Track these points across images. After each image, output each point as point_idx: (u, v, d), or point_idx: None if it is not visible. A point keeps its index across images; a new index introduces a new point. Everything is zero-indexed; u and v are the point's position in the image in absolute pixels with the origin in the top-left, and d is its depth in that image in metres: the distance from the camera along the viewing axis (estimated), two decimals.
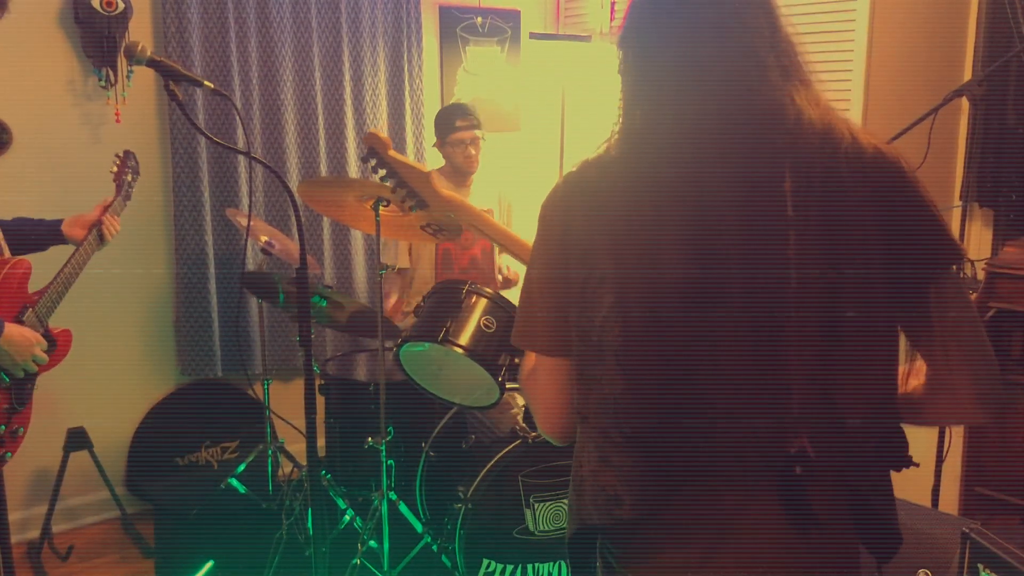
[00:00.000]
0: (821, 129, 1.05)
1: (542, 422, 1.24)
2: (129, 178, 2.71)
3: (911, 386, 1.16)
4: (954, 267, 1.11)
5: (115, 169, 2.71)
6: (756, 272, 1.03)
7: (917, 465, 1.16)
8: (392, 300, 3.50)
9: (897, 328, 1.11)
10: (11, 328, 2.25)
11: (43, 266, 2.46)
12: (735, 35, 1.07)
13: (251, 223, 2.97)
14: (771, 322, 1.03)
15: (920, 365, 1.15)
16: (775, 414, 1.05)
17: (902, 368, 1.16)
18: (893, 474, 1.17)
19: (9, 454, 2.36)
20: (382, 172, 1.97)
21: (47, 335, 2.40)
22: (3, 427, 2.32)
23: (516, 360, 2.39)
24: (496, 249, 3.60)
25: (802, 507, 1.06)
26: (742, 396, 1.05)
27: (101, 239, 2.55)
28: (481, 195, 3.52)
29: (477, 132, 3.39)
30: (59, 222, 2.55)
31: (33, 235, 2.51)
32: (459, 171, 3.44)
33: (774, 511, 1.07)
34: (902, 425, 1.15)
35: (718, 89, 1.06)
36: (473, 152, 3.40)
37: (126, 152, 2.76)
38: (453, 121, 3.39)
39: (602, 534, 1.19)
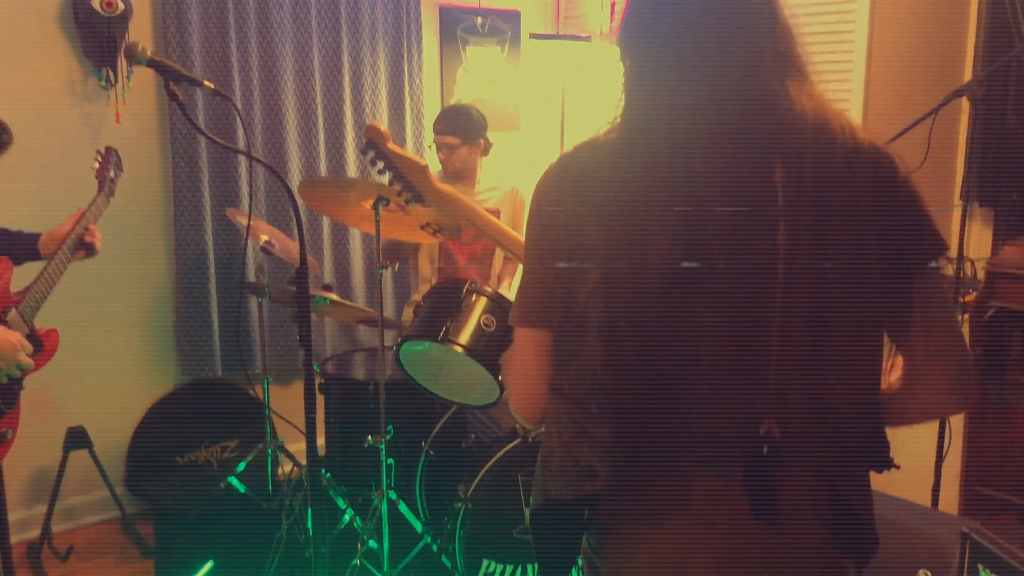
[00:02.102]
0: (815, 120, 1.06)
1: (515, 399, 1.24)
2: (112, 174, 2.69)
3: (888, 381, 1.17)
4: (936, 261, 1.12)
5: (97, 165, 2.69)
6: (742, 258, 1.03)
7: (898, 467, 1.16)
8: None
9: (882, 326, 1.12)
10: None
11: (24, 269, 2.43)
12: (734, 24, 1.07)
13: (251, 223, 2.96)
14: (755, 309, 1.04)
15: (897, 360, 1.16)
16: (751, 401, 1.05)
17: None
18: (889, 474, 1.16)
19: None
20: (380, 164, 1.98)
21: (33, 335, 2.37)
22: None
23: None
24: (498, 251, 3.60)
25: (766, 493, 1.06)
26: (720, 380, 1.05)
27: (89, 249, 2.51)
28: (489, 196, 3.52)
29: (451, 140, 3.34)
30: (36, 238, 2.48)
31: (9, 251, 2.44)
32: (443, 173, 3.45)
33: (748, 507, 1.07)
34: (885, 428, 1.15)
35: (713, 77, 1.06)
36: (442, 158, 3.39)
37: (108, 148, 2.75)
38: (434, 124, 3.42)
39: (587, 528, 1.19)
